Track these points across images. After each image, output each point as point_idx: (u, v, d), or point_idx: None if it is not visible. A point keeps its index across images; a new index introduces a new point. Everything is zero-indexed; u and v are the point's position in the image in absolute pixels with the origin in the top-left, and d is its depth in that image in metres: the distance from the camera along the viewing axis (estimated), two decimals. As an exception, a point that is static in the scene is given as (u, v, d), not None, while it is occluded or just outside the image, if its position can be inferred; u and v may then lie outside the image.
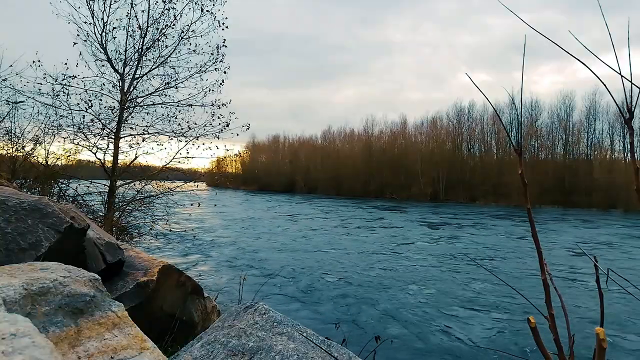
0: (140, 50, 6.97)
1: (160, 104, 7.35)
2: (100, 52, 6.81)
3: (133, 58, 7.02)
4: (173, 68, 7.29)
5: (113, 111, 6.97)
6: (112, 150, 6.95)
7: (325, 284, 7.65)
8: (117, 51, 6.91)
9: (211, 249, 11.10)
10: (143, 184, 7.45)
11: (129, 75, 7.05)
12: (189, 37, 7.17)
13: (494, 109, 1.02)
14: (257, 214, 22.49)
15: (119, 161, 7.06)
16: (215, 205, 14.87)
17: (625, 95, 0.66)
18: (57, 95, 6.61)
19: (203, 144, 7.36)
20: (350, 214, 24.13)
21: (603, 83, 0.72)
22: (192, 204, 7.53)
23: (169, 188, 7.63)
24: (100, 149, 6.95)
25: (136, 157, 7.36)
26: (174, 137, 7.37)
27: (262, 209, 26.75)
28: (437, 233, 16.05)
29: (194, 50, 7.24)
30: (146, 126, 7.29)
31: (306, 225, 17.47)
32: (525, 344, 4.88)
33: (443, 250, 11.66)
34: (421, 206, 34.63)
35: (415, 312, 6.09)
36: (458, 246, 12.63)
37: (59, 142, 7.09)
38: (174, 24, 7.08)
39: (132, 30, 6.87)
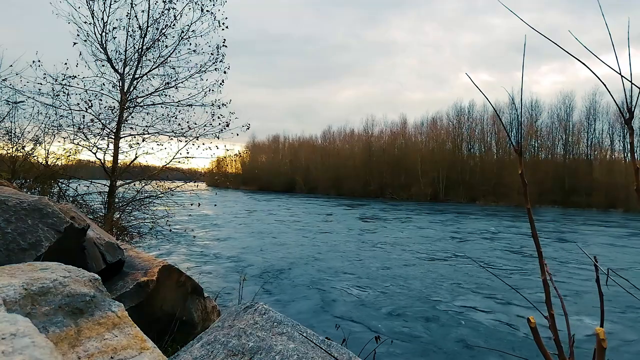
0: (140, 50, 6.98)
1: (160, 104, 7.36)
2: (100, 52, 6.82)
3: (133, 58, 7.03)
4: (173, 68, 7.30)
5: (113, 111, 6.97)
6: (112, 150, 6.96)
7: (325, 283, 7.65)
8: (117, 51, 6.92)
9: (211, 249, 11.10)
10: (143, 184, 7.45)
11: (129, 75, 7.06)
12: (189, 37, 7.18)
13: (494, 109, 1.02)
14: (257, 214, 22.49)
15: (119, 161, 7.07)
16: (215, 205, 14.85)
17: (625, 95, 0.66)
18: (57, 95, 6.62)
19: (203, 144, 7.37)
20: (351, 214, 24.12)
21: (603, 83, 0.72)
22: (192, 204, 7.53)
23: (169, 188, 7.62)
24: (100, 149, 6.95)
25: (136, 157, 7.36)
26: (174, 137, 7.37)
27: (262, 209, 26.74)
28: (438, 233, 16.04)
29: (194, 50, 7.25)
30: (146, 126, 7.30)
31: (306, 225, 17.47)
32: (527, 344, 4.88)
33: (443, 251, 11.66)
34: (421, 206, 34.62)
35: (416, 313, 6.09)
36: (459, 246, 12.62)
37: (59, 142, 7.09)
38: (174, 24, 7.09)
39: (132, 30, 6.89)
